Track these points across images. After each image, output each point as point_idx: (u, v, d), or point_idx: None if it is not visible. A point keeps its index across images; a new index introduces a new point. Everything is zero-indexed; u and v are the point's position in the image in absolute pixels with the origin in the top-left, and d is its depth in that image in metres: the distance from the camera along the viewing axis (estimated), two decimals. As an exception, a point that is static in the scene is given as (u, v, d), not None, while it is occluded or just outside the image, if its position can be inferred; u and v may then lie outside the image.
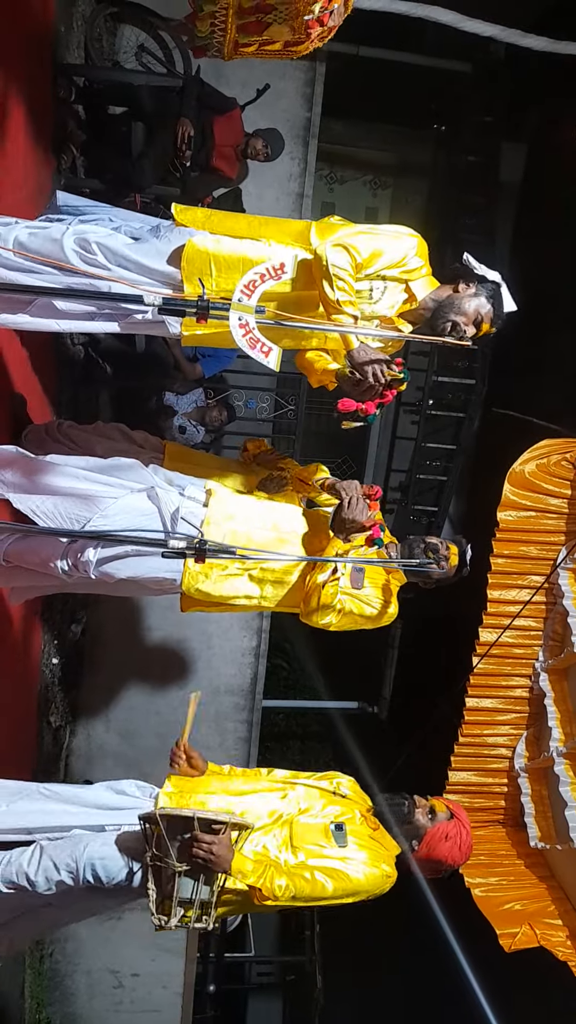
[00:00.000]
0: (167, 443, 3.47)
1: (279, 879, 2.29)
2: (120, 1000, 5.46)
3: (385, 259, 2.62)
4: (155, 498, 2.73)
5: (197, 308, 2.25)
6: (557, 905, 4.53)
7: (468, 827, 2.57)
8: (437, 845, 2.51)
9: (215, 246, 2.70)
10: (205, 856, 2.17)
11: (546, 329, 6.97)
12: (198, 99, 4.31)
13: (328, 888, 2.36)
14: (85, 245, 2.66)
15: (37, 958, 5.06)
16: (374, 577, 2.80)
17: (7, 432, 3.42)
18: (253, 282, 2.49)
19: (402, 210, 8.14)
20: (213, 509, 2.75)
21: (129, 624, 5.27)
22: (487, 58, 6.82)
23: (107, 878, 2.39)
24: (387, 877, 2.45)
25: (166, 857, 2.22)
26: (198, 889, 2.22)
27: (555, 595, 4.53)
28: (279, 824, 2.46)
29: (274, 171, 5.25)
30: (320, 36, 2.56)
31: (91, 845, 2.42)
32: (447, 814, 2.56)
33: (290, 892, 2.30)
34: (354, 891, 2.41)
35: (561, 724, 4.47)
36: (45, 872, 2.41)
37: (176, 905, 2.22)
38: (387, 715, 7.48)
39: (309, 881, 2.35)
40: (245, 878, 2.26)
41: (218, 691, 5.49)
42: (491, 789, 4.82)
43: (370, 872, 2.41)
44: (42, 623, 4.45)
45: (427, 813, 2.55)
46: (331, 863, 2.39)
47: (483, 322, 2.69)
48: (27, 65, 3.66)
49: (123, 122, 4.48)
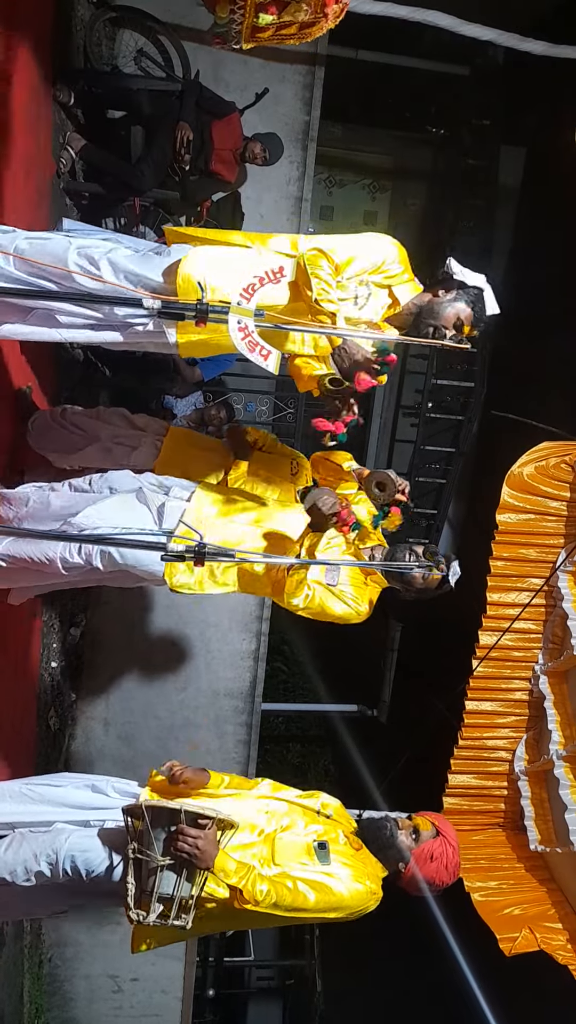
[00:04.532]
0: (170, 426, 3.51)
1: (261, 884, 2.26)
2: (119, 1005, 5.45)
3: (363, 263, 2.67)
4: (143, 498, 2.84)
5: (196, 311, 2.26)
6: (557, 909, 4.52)
7: (455, 843, 2.53)
8: (423, 866, 2.48)
9: (210, 252, 2.72)
10: (190, 850, 2.14)
11: (545, 332, 6.98)
12: (197, 103, 4.31)
13: (310, 900, 2.32)
14: (91, 260, 2.66)
15: (36, 963, 5.04)
16: (353, 577, 2.84)
17: (13, 428, 3.43)
18: (252, 285, 2.50)
19: (401, 213, 8.15)
20: (194, 503, 2.85)
21: (128, 627, 5.27)
22: (486, 62, 6.83)
23: (86, 870, 2.37)
24: (372, 894, 2.41)
25: (149, 850, 2.18)
26: (179, 885, 2.18)
27: (554, 598, 4.53)
28: (261, 841, 2.42)
29: (273, 175, 5.25)
30: (335, 15, 2.57)
31: (72, 837, 2.41)
32: (432, 832, 2.52)
33: (271, 899, 2.26)
34: (337, 905, 2.36)
35: (561, 727, 4.47)
36: (24, 863, 2.40)
37: (155, 901, 2.19)
38: (386, 718, 7.47)
39: (291, 891, 2.30)
40: (227, 877, 2.23)
41: (217, 694, 5.49)
42: (491, 792, 4.82)
43: (354, 888, 2.37)
44: (41, 626, 4.45)
45: (411, 834, 2.51)
46: (315, 876, 2.35)
47: (464, 325, 2.73)
48: (27, 69, 3.67)
49: (122, 126, 4.49)
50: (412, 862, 2.48)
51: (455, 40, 5.51)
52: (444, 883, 2.52)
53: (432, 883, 2.50)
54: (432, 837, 2.51)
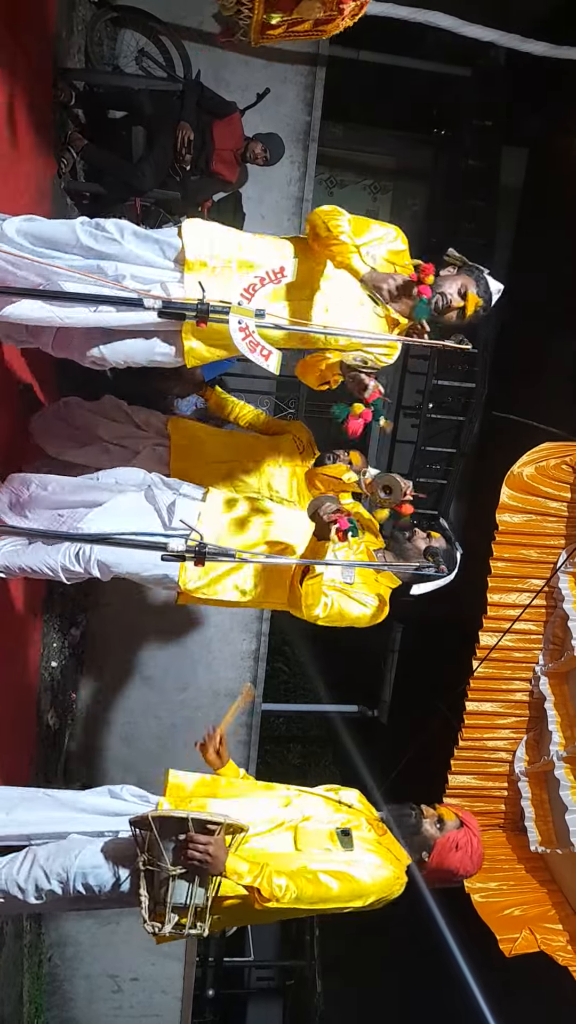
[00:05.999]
0: (170, 419, 3.49)
1: (278, 878, 2.21)
2: (119, 1005, 5.44)
3: (375, 232, 2.72)
4: (152, 497, 2.79)
5: (197, 312, 2.26)
6: (557, 910, 4.52)
7: (478, 834, 2.52)
8: (448, 855, 2.46)
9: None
10: (201, 857, 2.11)
11: (546, 332, 6.98)
12: (198, 103, 4.31)
13: (334, 889, 2.28)
14: (98, 225, 2.67)
15: (36, 962, 5.04)
16: (364, 577, 2.83)
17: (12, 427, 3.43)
18: (253, 285, 2.50)
19: (402, 214, 8.15)
20: (209, 505, 2.81)
21: (128, 628, 5.27)
22: (487, 62, 6.83)
23: (98, 886, 2.34)
24: (397, 879, 2.38)
25: (159, 861, 2.15)
26: (192, 893, 2.15)
27: (555, 599, 4.53)
28: (282, 829, 2.41)
29: (274, 175, 5.26)
30: (352, 12, 2.51)
31: (82, 854, 2.37)
32: (456, 822, 2.50)
33: (292, 893, 2.21)
34: (361, 893, 2.33)
35: (561, 728, 4.46)
36: (35, 881, 2.37)
37: (170, 911, 2.15)
38: (387, 718, 7.47)
39: (312, 882, 2.26)
40: (241, 879, 2.19)
41: (218, 694, 5.49)
42: (491, 793, 4.81)
43: (378, 875, 2.34)
44: (42, 626, 4.45)
45: (436, 823, 2.49)
46: (337, 866, 2.32)
47: (469, 293, 2.70)
48: (28, 69, 3.67)
49: (123, 126, 4.49)
50: (436, 851, 2.46)
51: (457, 41, 5.51)
52: (468, 873, 2.52)
53: (457, 873, 2.49)
54: (456, 828, 2.50)
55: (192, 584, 2.77)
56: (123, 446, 3.35)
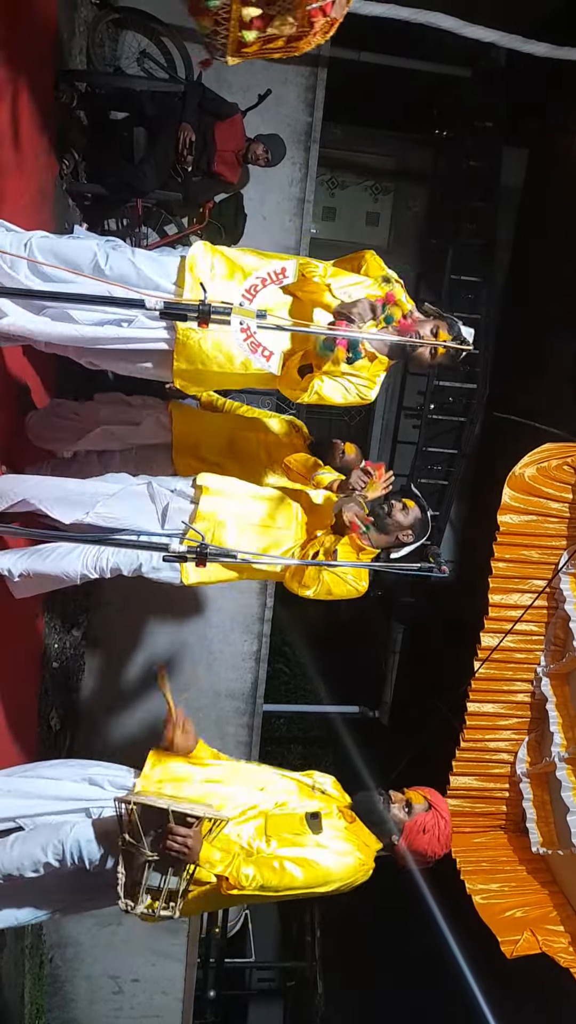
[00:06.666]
0: (170, 403, 3.57)
1: (246, 868, 2.30)
2: (120, 1006, 5.44)
3: (349, 278, 2.88)
4: (153, 493, 2.89)
5: (199, 312, 2.26)
6: (559, 911, 4.51)
7: (447, 816, 2.56)
8: (416, 838, 2.51)
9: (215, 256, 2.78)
10: (179, 849, 2.20)
11: (547, 333, 6.98)
12: (199, 104, 4.31)
13: (298, 878, 2.35)
14: (112, 243, 2.79)
15: (37, 963, 5.04)
16: (347, 556, 3.01)
17: (12, 428, 3.43)
18: (255, 286, 2.51)
19: (402, 215, 8.16)
20: (203, 506, 2.90)
21: (129, 628, 5.27)
22: (488, 63, 6.83)
23: (89, 859, 2.41)
24: (362, 864, 2.44)
25: (139, 845, 2.24)
26: (167, 879, 2.26)
27: (557, 599, 4.53)
28: (255, 815, 2.46)
29: (275, 176, 5.26)
30: (323, 29, 2.51)
31: (77, 827, 2.44)
32: (424, 805, 2.55)
33: (257, 882, 2.30)
34: (325, 880, 2.39)
35: (563, 729, 4.46)
36: (31, 855, 2.42)
37: (144, 892, 2.26)
38: (388, 719, 7.47)
39: (277, 871, 2.33)
40: (213, 868, 2.28)
41: (219, 695, 5.48)
42: (492, 794, 4.81)
43: (342, 862, 2.40)
44: (43, 627, 4.45)
45: (404, 807, 2.54)
46: (303, 852, 2.38)
47: (440, 333, 2.91)
48: (29, 71, 3.67)
49: (125, 127, 4.49)
50: (405, 834, 2.51)
51: (457, 42, 5.51)
52: (436, 855, 2.55)
53: (424, 855, 2.53)
54: (424, 810, 2.54)
55: (194, 578, 2.89)
56: (125, 422, 3.44)
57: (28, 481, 2.98)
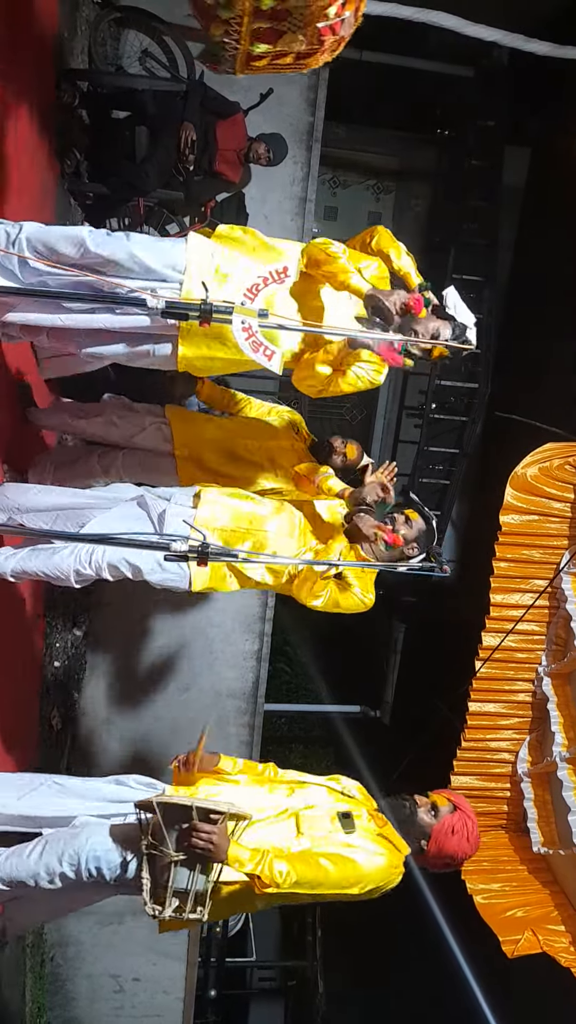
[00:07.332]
0: (168, 406, 3.56)
1: (279, 864, 2.24)
2: (121, 1005, 5.44)
3: (362, 262, 2.83)
4: (144, 504, 2.85)
5: (200, 311, 2.25)
6: (560, 911, 4.51)
7: (473, 817, 2.55)
8: (445, 841, 2.48)
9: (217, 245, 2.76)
10: (204, 846, 2.15)
11: (549, 333, 6.97)
12: (201, 104, 4.31)
13: (332, 873, 2.30)
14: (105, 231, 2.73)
15: (38, 962, 5.05)
16: (356, 569, 2.97)
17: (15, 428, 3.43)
18: (256, 285, 2.50)
19: (405, 214, 8.14)
20: (201, 513, 2.86)
21: (130, 628, 5.27)
22: (490, 62, 6.83)
23: (108, 870, 2.36)
24: (394, 868, 2.41)
25: (162, 846, 2.18)
26: (194, 879, 2.19)
27: (558, 599, 4.52)
28: (285, 816, 2.44)
29: (277, 175, 5.25)
30: (332, 47, 2.54)
31: (92, 838, 2.40)
32: (449, 807, 2.53)
33: (291, 878, 2.24)
34: (359, 879, 2.35)
35: (564, 729, 4.46)
36: (47, 866, 2.39)
37: (171, 895, 2.20)
38: (389, 719, 7.47)
39: (311, 866, 2.29)
40: (242, 867, 2.22)
41: (220, 695, 5.48)
42: (494, 794, 4.81)
43: (376, 863, 2.37)
44: (44, 627, 4.45)
45: (430, 810, 2.52)
46: (336, 849, 2.36)
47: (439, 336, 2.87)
48: (31, 70, 3.67)
49: (126, 127, 4.49)
50: (434, 838, 2.48)
51: (460, 41, 5.50)
52: (467, 855, 2.54)
53: (455, 856, 2.51)
54: (450, 812, 2.52)
55: (201, 585, 2.84)
56: (128, 420, 3.44)
57: (26, 497, 2.96)
